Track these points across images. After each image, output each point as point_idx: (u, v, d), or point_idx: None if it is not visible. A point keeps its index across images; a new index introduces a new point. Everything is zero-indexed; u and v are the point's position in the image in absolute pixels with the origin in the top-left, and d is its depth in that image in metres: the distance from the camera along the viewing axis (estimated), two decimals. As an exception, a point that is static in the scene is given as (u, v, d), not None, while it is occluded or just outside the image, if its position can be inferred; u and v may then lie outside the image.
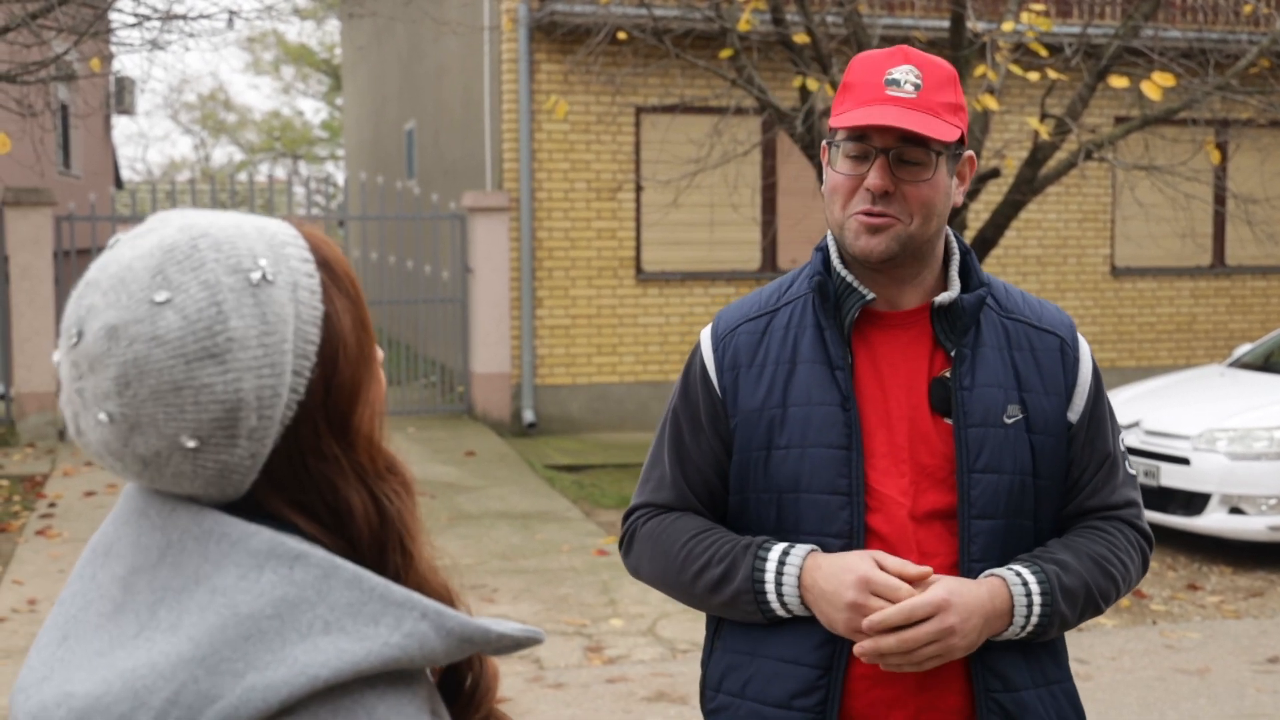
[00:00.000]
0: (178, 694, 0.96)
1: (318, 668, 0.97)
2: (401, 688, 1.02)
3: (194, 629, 0.99)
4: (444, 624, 1.03)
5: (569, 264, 11.54)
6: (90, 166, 17.67)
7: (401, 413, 11.79)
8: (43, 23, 7.45)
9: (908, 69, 1.82)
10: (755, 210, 11.68)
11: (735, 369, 1.93)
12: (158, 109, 47.77)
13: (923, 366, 1.89)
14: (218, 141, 44.33)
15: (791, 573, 1.83)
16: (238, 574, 1.01)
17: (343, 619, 1.00)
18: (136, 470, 1.04)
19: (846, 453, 1.84)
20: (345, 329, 1.08)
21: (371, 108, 20.13)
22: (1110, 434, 1.96)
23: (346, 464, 1.07)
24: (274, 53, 41.01)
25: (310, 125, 42.71)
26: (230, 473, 1.04)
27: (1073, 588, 1.85)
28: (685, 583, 1.93)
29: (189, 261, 1.02)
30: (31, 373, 10.51)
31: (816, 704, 1.85)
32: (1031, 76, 8.02)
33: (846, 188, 1.84)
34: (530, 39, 11.19)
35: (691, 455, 1.96)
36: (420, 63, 15.61)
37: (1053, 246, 12.80)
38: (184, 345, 1.00)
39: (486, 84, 11.95)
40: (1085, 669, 5.60)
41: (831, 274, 1.90)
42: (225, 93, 48.09)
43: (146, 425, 1.01)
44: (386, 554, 1.09)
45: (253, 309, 1.02)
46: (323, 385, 1.06)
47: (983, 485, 1.84)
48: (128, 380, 1.00)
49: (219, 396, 1.01)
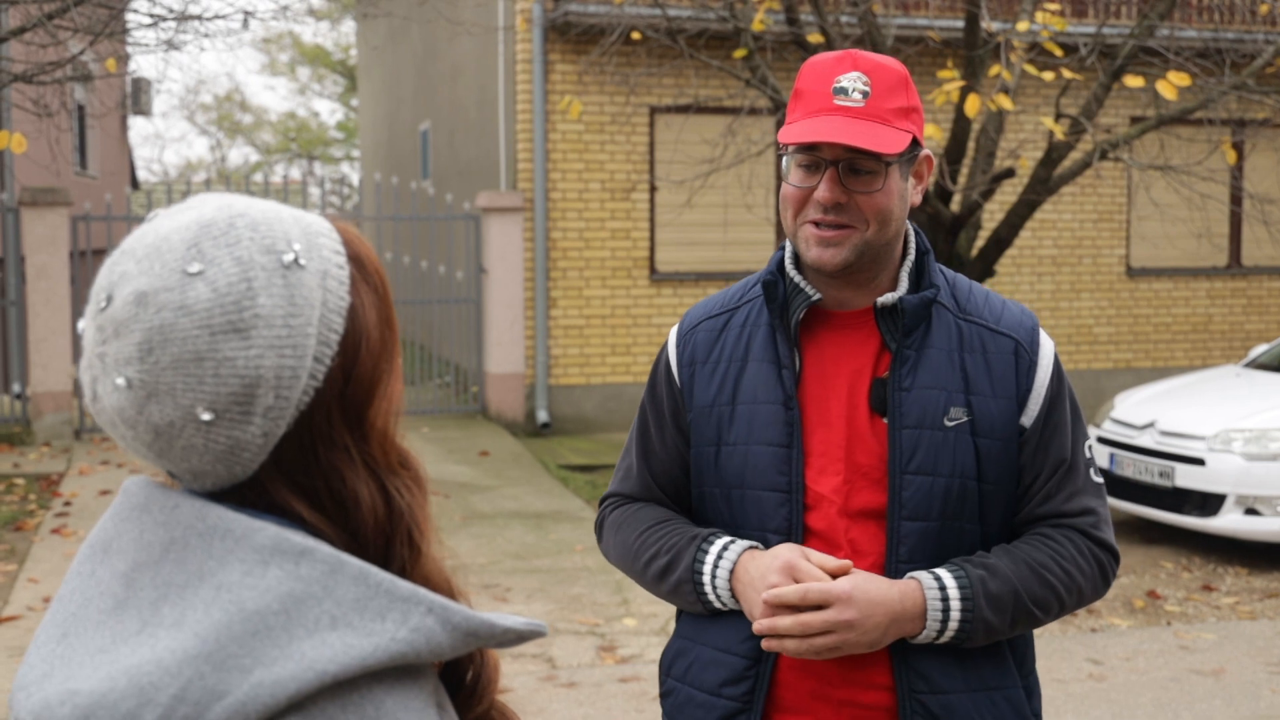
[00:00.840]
0: (184, 690, 0.96)
1: (325, 663, 0.97)
2: (409, 682, 1.02)
3: (199, 625, 0.98)
4: (450, 619, 1.03)
5: (583, 264, 11.55)
6: (107, 167, 17.74)
7: (416, 412, 11.81)
8: (58, 23, 7.49)
9: (855, 76, 1.81)
10: (769, 210, 11.67)
11: (693, 365, 1.96)
12: (174, 110, 47.96)
13: (867, 366, 1.89)
14: (234, 142, 44.48)
15: (725, 566, 1.86)
16: (243, 570, 1.00)
17: (349, 614, 1.00)
18: (148, 440, 1.03)
19: (787, 450, 1.87)
20: (370, 323, 1.08)
21: (386, 108, 20.18)
22: (1070, 440, 1.92)
23: (357, 455, 1.07)
24: (290, 54, 41.15)
25: (326, 126, 42.82)
26: (240, 450, 1.03)
27: (999, 594, 1.82)
28: (639, 570, 1.98)
29: (225, 238, 1.03)
30: (48, 372, 10.56)
31: (744, 693, 1.88)
32: (1046, 76, 8.00)
33: (798, 198, 1.85)
34: (545, 39, 11.20)
35: (655, 449, 2.02)
36: (435, 63, 15.63)
37: (1068, 247, 12.77)
38: (211, 317, 1.00)
39: (501, 84, 11.97)
40: (1099, 669, 5.59)
41: (784, 275, 1.92)
42: (241, 94, 48.25)
43: (164, 393, 1.01)
44: (393, 547, 1.09)
45: (282, 289, 1.03)
46: (342, 375, 1.06)
47: (915, 486, 1.84)
48: (151, 346, 1.00)
49: (239, 371, 1.01)
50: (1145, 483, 7.72)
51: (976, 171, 9.08)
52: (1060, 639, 6.03)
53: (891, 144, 1.78)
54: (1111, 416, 8.28)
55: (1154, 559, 7.59)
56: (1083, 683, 5.45)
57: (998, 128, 8.93)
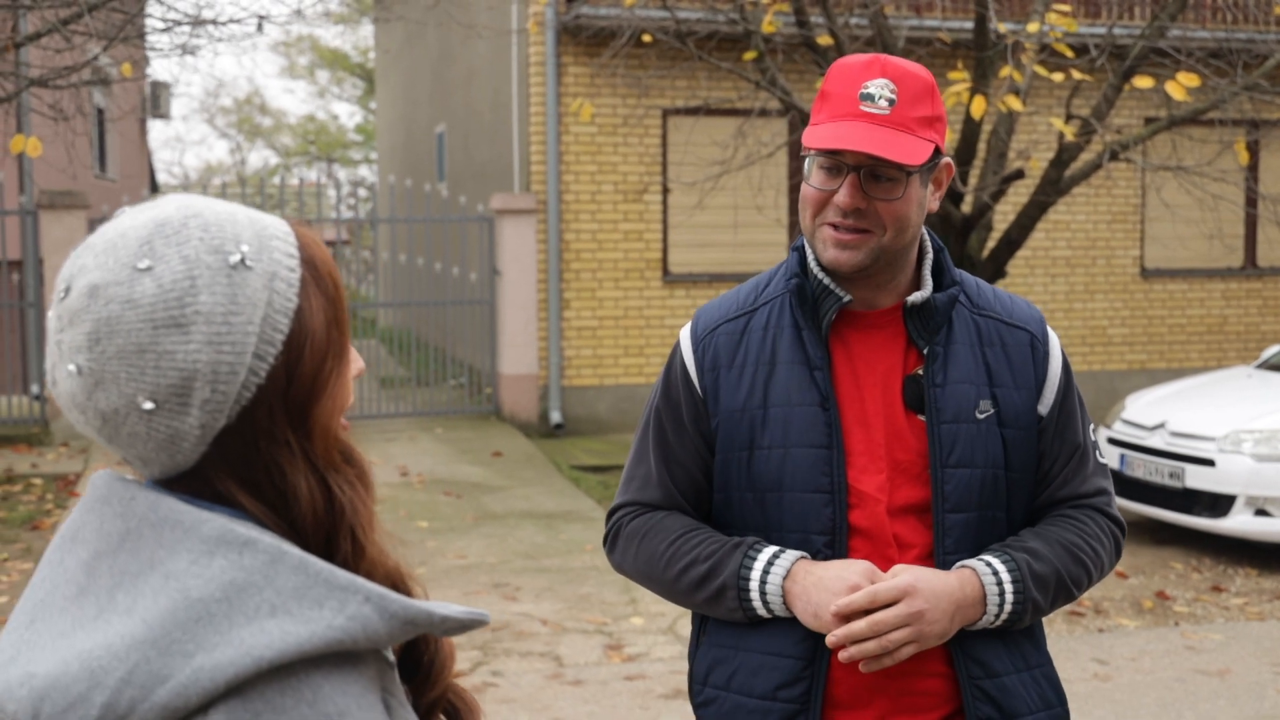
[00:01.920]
0: (131, 674, 1.01)
1: (262, 649, 1.01)
2: (347, 668, 1.06)
3: (147, 612, 1.03)
4: (387, 607, 1.06)
5: (596, 265, 11.59)
6: (126, 170, 17.87)
7: (429, 414, 11.87)
8: (74, 28, 7.57)
9: (883, 83, 1.82)
10: (781, 212, 11.69)
11: (715, 369, 1.96)
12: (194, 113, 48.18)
13: (897, 364, 1.92)
14: (253, 145, 44.71)
15: (778, 575, 1.86)
16: (189, 559, 1.05)
17: (288, 602, 1.04)
18: (97, 425, 1.09)
19: (828, 452, 1.88)
20: (316, 325, 1.12)
21: (403, 111, 20.26)
22: (1080, 425, 2.00)
23: (299, 450, 1.11)
24: (309, 57, 41.32)
25: (345, 129, 42.98)
26: (180, 440, 1.07)
27: (1044, 575, 1.89)
28: (670, 579, 1.96)
29: (176, 237, 1.08)
30: (65, 373, 10.65)
31: (800, 694, 1.88)
32: (1056, 77, 8.01)
33: (818, 200, 1.87)
34: (558, 42, 11.25)
35: (676, 454, 1.99)
36: (450, 66, 15.70)
37: (1081, 248, 12.75)
38: (154, 311, 1.06)
39: (515, 87, 12.02)
40: (1104, 669, 5.60)
41: (809, 276, 1.93)
42: (261, 97, 48.46)
43: (109, 382, 1.06)
44: (336, 541, 1.12)
45: (225, 289, 1.07)
46: (285, 373, 1.10)
47: (956, 480, 1.88)
48: (98, 337, 1.05)
49: (178, 364, 1.06)
50: (1155, 483, 7.72)
51: (988, 173, 9.09)
52: (1067, 639, 6.04)
53: (914, 154, 1.80)
54: (1122, 417, 8.28)
55: (1164, 560, 7.58)
56: (1087, 682, 5.46)
57: (1009, 129, 8.94)
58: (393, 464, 9.95)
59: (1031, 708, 1.92)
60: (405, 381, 13.09)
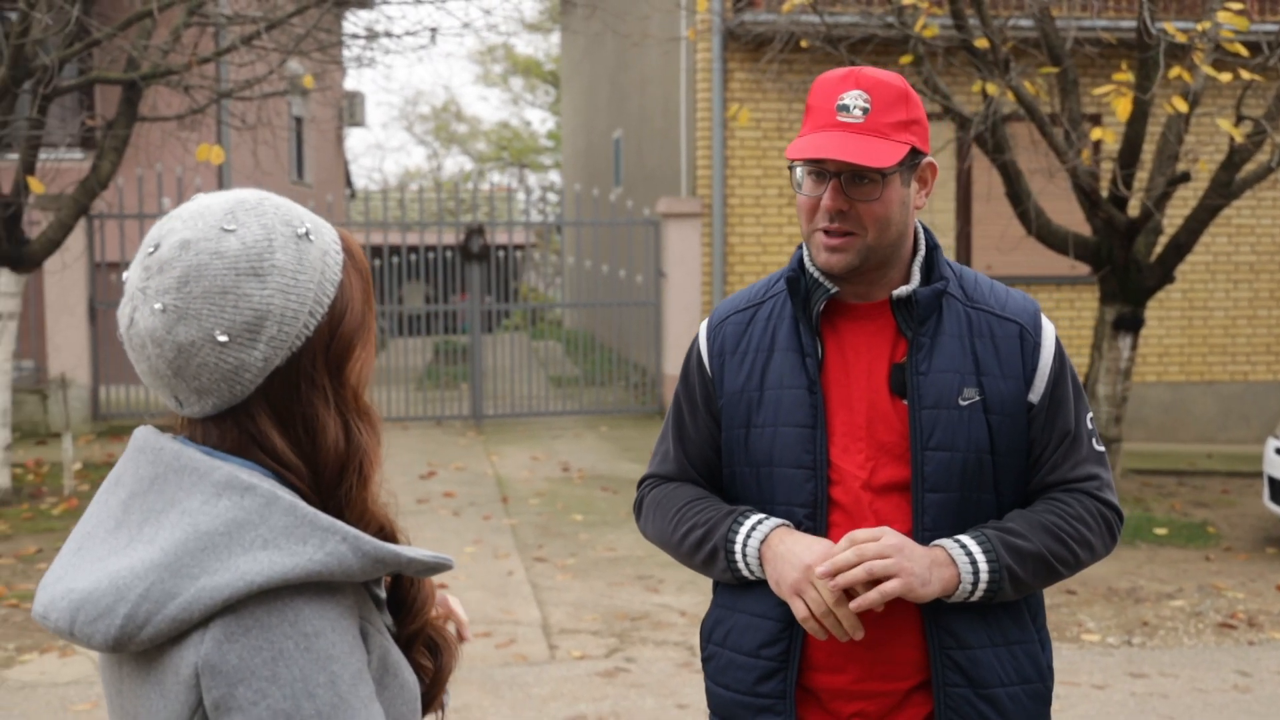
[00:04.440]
0: (148, 590, 1.23)
1: (254, 575, 1.23)
2: (326, 596, 1.27)
3: (165, 541, 1.26)
4: (360, 546, 1.27)
5: (760, 269, 11.71)
6: (322, 176, 18.73)
7: (596, 412, 12.18)
8: (259, 43, 8.07)
9: (857, 94, 1.97)
10: (949, 215, 11.62)
11: (722, 355, 2.15)
12: (394, 121, 49.87)
13: (885, 353, 2.06)
14: (449, 151, 46.07)
15: (756, 539, 2.03)
16: (201, 499, 1.27)
17: (278, 538, 1.25)
18: (170, 357, 1.30)
19: (811, 431, 2.04)
20: (355, 298, 1.37)
21: (585, 117, 20.71)
22: (1072, 414, 2.08)
23: (331, 396, 1.34)
24: (503, 65, 42.41)
25: (536, 135, 43.94)
26: (243, 371, 1.30)
27: (1021, 549, 1.99)
28: (675, 543, 2.17)
29: (255, 210, 1.33)
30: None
31: (780, 653, 2.05)
32: (1224, 77, 7.81)
33: (808, 207, 2.03)
34: (724, 48, 11.42)
35: (690, 433, 2.20)
36: (626, 73, 16.02)
37: (1267, 253, 12.30)
38: (237, 262, 1.29)
39: (682, 92, 12.24)
40: (1245, 681, 5.49)
41: (805, 272, 2.09)
42: (457, 104, 49.91)
43: (191, 317, 1.28)
44: (346, 473, 1.34)
45: (294, 252, 1.31)
46: (329, 331, 1.33)
47: (935, 461, 2.00)
48: (187, 279, 1.28)
49: (254, 305, 1.28)
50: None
51: (1156, 175, 8.90)
52: (1213, 650, 5.94)
53: (886, 157, 1.95)
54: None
55: (1329, 575, 7.34)
56: (1225, 693, 5.37)
57: (1178, 132, 8.74)
58: (556, 460, 10.26)
59: (1004, 680, 2.02)
60: (576, 380, 13.44)
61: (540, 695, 5.23)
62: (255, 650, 1.22)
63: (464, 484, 9.35)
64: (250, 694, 1.22)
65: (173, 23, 8.44)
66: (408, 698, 1.36)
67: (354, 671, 1.26)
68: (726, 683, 2.11)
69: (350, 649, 1.27)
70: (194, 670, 1.23)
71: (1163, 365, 12.38)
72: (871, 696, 2.04)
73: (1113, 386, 9.20)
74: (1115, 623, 6.40)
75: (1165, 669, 5.67)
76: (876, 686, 2.03)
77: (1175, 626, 6.34)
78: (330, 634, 1.25)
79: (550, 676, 5.45)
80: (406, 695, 1.36)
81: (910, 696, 2.04)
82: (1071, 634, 6.20)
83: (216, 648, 1.22)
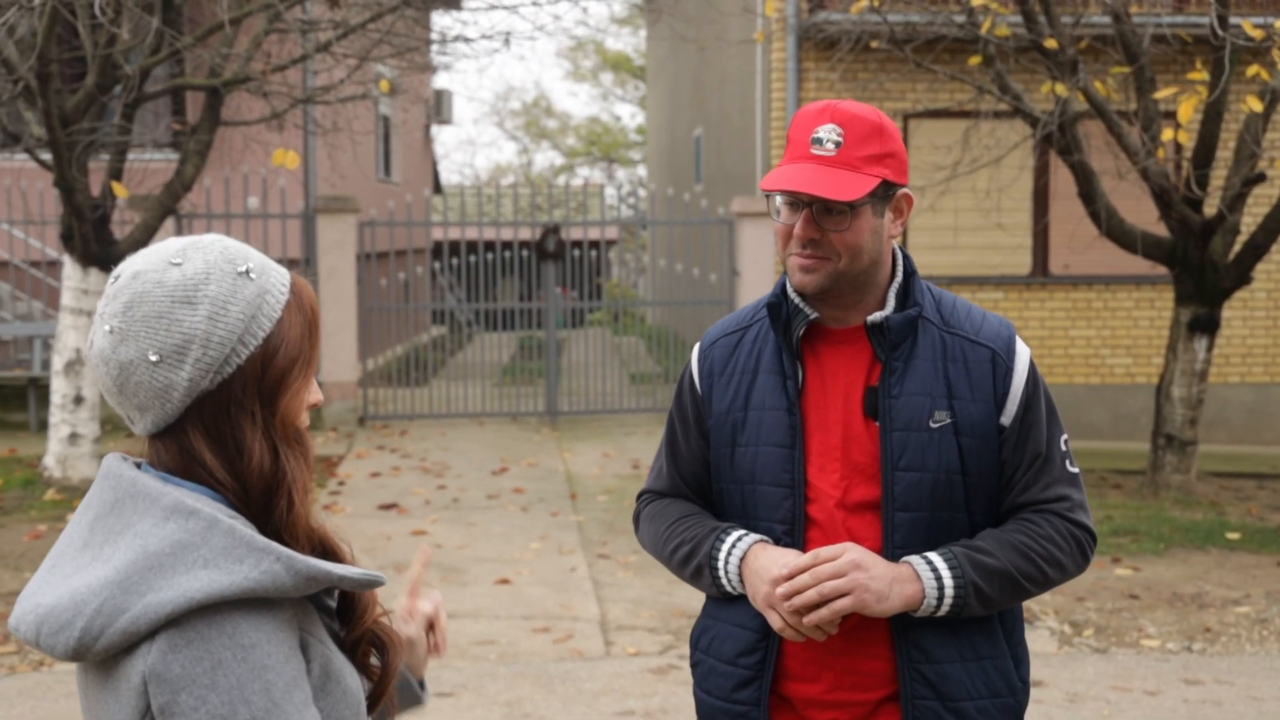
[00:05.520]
0: (102, 605, 1.38)
1: (194, 591, 1.37)
2: (263, 610, 1.40)
3: (119, 561, 1.40)
4: (293, 565, 1.40)
5: (834, 268, 11.72)
6: (409, 174, 19.05)
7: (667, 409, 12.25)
8: (335, 49, 8.28)
9: (830, 128, 2.05)
10: (1026, 214, 11.54)
11: (711, 377, 2.24)
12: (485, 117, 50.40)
13: (861, 376, 2.14)
14: (539, 147, 46.43)
15: (737, 555, 2.13)
16: (151, 523, 1.42)
17: (218, 558, 1.39)
18: (114, 374, 1.45)
19: (790, 451, 2.13)
20: (292, 336, 1.50)
21: (668, 114, 20.82)
22: (1045, 436, 2.14)
23: (260, 422, 1.47)
24: (593, 60, 42.65)
25: (626, 130, 44.11)
26: (171, 390, 1.43)
27: (988, 566, 2.05)
28: (666, 556, 2.27)
29: (204, 248, 1.48)
30: (336, 364, 11.57)
31: (756, 662, 2.15)
32: (1300, 76, 7.68)
33: (784, 233, 2.12)
34: (799, 47, 11.45)
35: (682, 451, 2.30)
36: (707, 72, 16.10)
37: (1357, 252, 12.02)
38: (175, 291, 1.44)
39: (758, 91, 12.29)
40: (1302, 691, 5.44)
41: (787, 297, 2.18)
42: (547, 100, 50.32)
43: (131, 338, 1.43)
44: (275, 497, 1.47)
45: (229, 286, 1.45)
46: (261, 363, 1.47)
47: (905, 482, 2.08)
48: (132, 305, 1.44)
49: (184, 330, 1.43)
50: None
51: (1233, 175, 8.78)
52: (1275, 658, 5.89)
53: (853, 190, 2.03)
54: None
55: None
56: None
57: (1256, 132, 8.62)
58: (626, 457, 10.39)
59: (973, 694, 2.09)
60: (653, 378, 13.56)
61: (592, 690, 5.35)
62: (196, 660, 1.36)
63: (534, 480, 9.51)
64: (191, 700, 1.35)
65: (254, 30, 8.70)
66: (350, 702, 1.49)
67: (288, 679, 1.39)
68: (709, 689, 2.21)
69: (286, 659, 1.40)
70: (142, 678, 1.37)
71: (1246, 366, 12.17)
72: (843, 706, 2.12)
73: (1188, 389, 9.10)
74: (1177, 628, 6.35)
75: (1222, 676, 5.63)
76: (848, 696, 2.12)
77: (1238, 633, 6.29)
78: (266, 645, 1.38)
79: (603, 672, 5.57)
80: (349, 700, 1.49)
81: (881, 707, 2.12)
82: (1130, 639, 6.18)
83: (161, 658, 1.36)
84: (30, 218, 11.90)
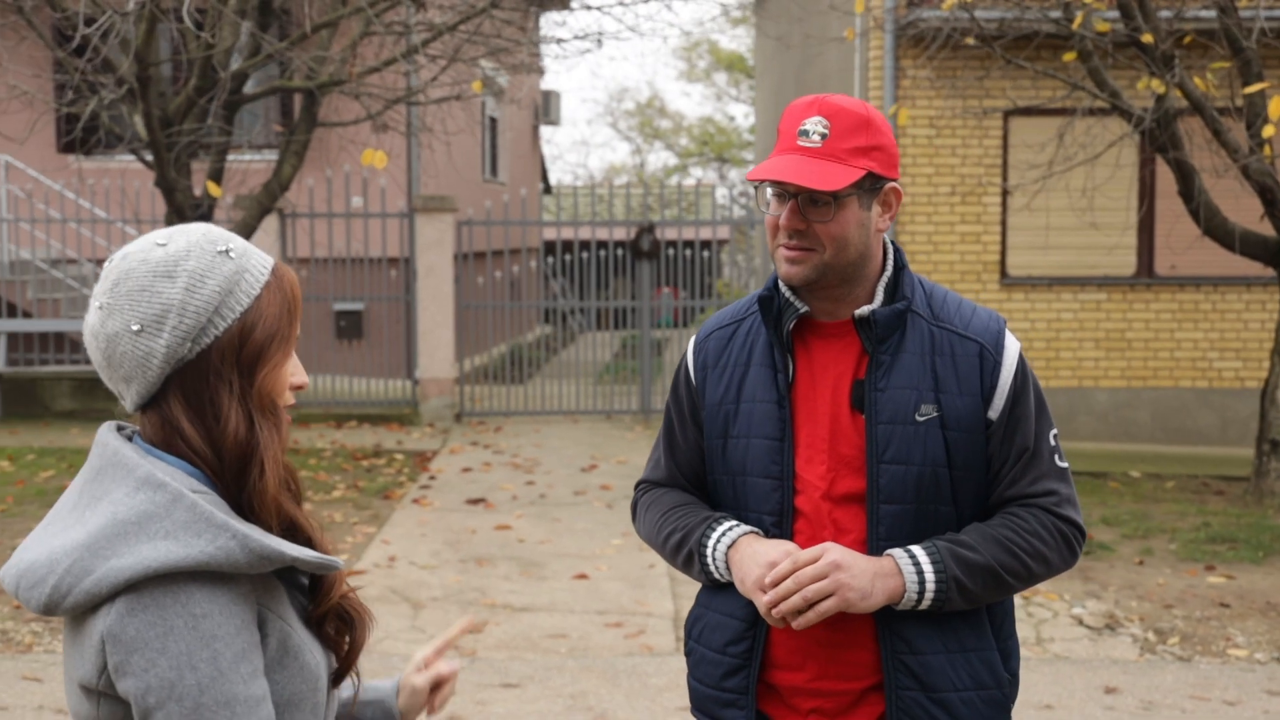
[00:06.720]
0: (71, 566, 1.46)
1: (150, 560, 1.44)
2: (219, 584, 1.47)
3: (92, 525, 1.49)
4: (247, 544, 1.47)
5: (931, 267, 11.60)
6: (516, 174, 19.27)
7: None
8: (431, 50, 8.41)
9: (817, 120, 2.06)
10: (1123, 213, 11.29)
11: (705, 369, 2.27)
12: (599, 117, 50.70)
13: (849, 369, 2.15)
14: (652, 147, 46.57)
15: (724, 545, 2.15)
16: (124, 492, 1.50)
17: (178, 531, 1.46)
18: (103, 348, 1.54)
19: (779, 443, 2.14)
20: (270, 313, 1.57)
21: (774, 114, 20.74)
22: (1033, 430, 2.13)
23: (238, 390, 1.54)
24: (706, 60, 42.67)
25: (739, 130, 44.05)
26: (151, 358, 1.51)
27: (970, 560, 2.05)
28: (660, 544, 2.30)
29: (189, 232, 1.58)
30: (433, 360, 11.76)
31: (744, 651, 2.17)
32: None
33: (772, 224, 2.13)
34: (896, 46, 11.34)
35: (679, 442, 2.32)
36: (809, 70, 16.02)
37: None
38: (157, 267, 1.53)
39: (856, 89, 12.20)
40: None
41: (778, 291, 2.19)
42: (660, 100, 50.43)
43: (116, 311, 1.52)
44: (248, 465, 1.53)
45: (208, 262, 1.54)
46: (239, 336, 1.54)
47: (890, 474, 2.09)
48: (119, 281, 1.53)
49: (163, 300, 1.51)
50: None
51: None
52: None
53: (836, 181, 2.04)
54: None
55: None
56: (1367, 716, 5.15)
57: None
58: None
59: (957, 686, 2.08)
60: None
61: (657, 685, 5.38)
62: (149, 625, 1.43)
63: (622, 477, 9.57)
64: (142, 662, 1.43)
65: (350, 33, 8.90)
66: (307, 677, 1.55)
67: (237, 650, 1.45)
68: (700, 677, 2.24)
69: (237, 631, 1.46)
70: (101, 637, 1.45)
71: (1363, 370, 11.74)
72: (828, 695, 2.14)
73: (1293, 393, 8.82)
74: (1267, 639, 6.18)
75: (1308, 688, 5.47)
76: (832, 685, 2.13)
77: (1331, 646, 6.09)
78: (218, 616, 1.45)
79: (670, 668, 5.60)
80: (305, 675, 1.54)
81: (865, 696, 2.13)
82: (1217, 648, 6.02)
83: (119, 620, 1.44)
84: (138, 216, 12.29)
